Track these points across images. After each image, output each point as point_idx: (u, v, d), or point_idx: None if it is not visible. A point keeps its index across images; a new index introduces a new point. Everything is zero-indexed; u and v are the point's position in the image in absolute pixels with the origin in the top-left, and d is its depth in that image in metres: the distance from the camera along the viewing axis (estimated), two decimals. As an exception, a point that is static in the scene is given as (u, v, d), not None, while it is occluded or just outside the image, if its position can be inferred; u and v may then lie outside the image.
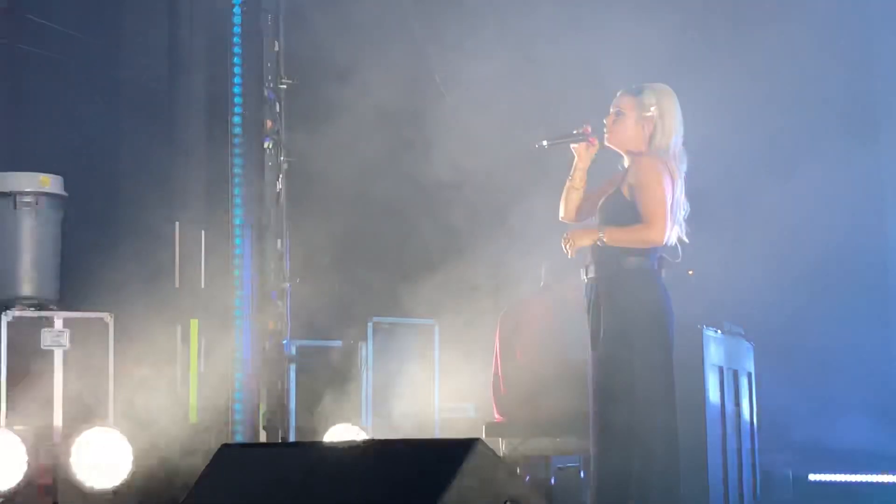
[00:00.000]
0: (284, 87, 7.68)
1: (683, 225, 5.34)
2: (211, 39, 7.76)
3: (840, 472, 9.04)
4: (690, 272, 7.24)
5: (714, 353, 7.34)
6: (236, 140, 7.54)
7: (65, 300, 7.52)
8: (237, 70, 7.55)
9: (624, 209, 5.23)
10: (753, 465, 8.01)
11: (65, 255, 7.59)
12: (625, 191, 5.27)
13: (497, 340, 7.26)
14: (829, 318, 9.07)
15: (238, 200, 7.53)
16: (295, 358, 7.68)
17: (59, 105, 8.14)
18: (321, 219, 7.75)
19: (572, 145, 5.44)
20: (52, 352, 7.07)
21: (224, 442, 6.93)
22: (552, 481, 6.77)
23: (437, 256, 8.23)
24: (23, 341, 7.09)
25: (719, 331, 7.52)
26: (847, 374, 9.10)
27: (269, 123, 7.58)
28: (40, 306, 7.28)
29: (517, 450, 7.04)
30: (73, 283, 7.67)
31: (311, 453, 4.05)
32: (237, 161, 7.53)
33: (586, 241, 5.23)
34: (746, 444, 7.87)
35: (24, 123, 8.18)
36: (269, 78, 7.61)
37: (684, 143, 5.37)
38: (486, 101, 8.27)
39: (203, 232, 7.63)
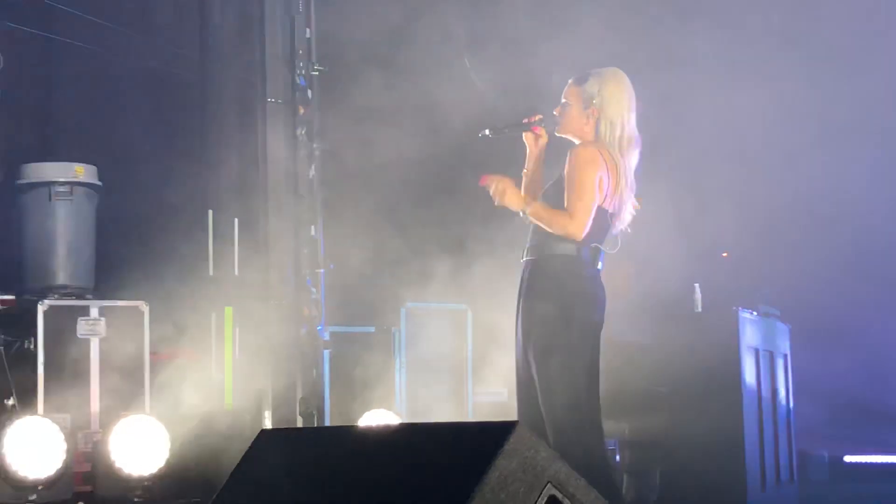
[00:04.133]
0: (316, 73, 7.69)
1: (626, 216, 5.21)
2: (242, 27, 7.76)
3: (875, 454, 9.01)
4: (725, 254, 7.23)
5: (750, 334, 7.32)
6: (268, 127, 7.54)
7: (100, 289, 7.56)
8: (269, 57, 7.55)
9: (559, 194, 5.14)
10: (790, 446, 7.99)
11: (99, 244, 7.64)
12: (563, 181, 5.16)
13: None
14: (867, 300, 9.04)
15: (271, 188, 7.53)
16: (329, 343, 7.69)
17: (92, 95, 8.18)
18: (354, 205, 7.76)
19: (524, 135, 5.37)
20: (88, 340, 7.11)
21: (260, 428, 6.96)
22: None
23: (470, 241, 8.22)
24: (59, 330, 7.14)
25: (755, 312, 7.49)
26: (883, 355, 9.06)
27: (301, 110, 7.59)
28: (76, 295, 7.32)
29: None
30: (108, 271, 7.71)
31: (350, 437, 4.05)
32: (270, 148, 7.54)
33: (513, 202, 5.11)
34: (782, 425, 7.85)
35: (58, 114, 8.22)
36: (301, 65, 7.62)
37: (639, 128, 5.24)
38: (516, 85, 8.26)
39: (236, 220, 7.64)
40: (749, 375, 7.28)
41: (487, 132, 5.35)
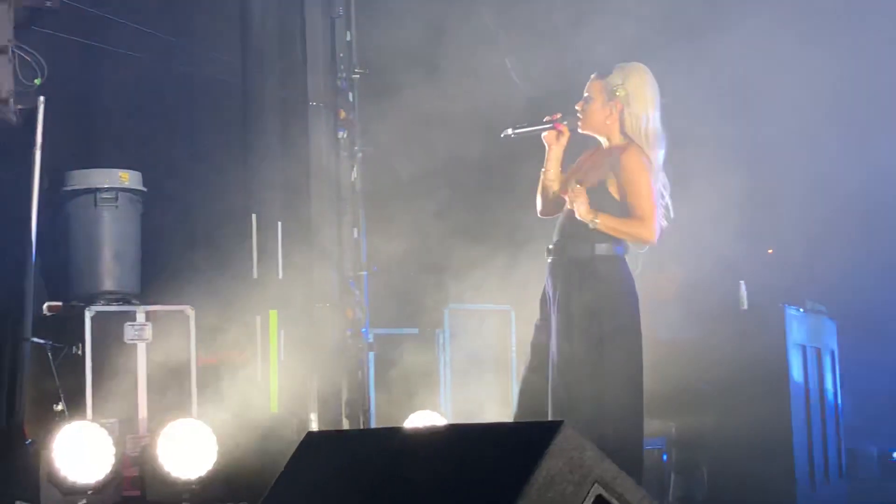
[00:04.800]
0: (357, 76, 7.70)
1: (664, 211, 5.21)
2: (283, 31, 7.78)
3: (926, 450, 8.93)
4: (770, 251, 7.19)
5: (797, 331, 7.28)
6: (310, 130, 7.56)
7: (146, 294, 7.61)
8: (310, 61, 7.57)
9: (611, 202, 5.12)
10: (838, 443, 7.93)
11: (144, 249, 7.69)
12: (611, 188, 5.15)
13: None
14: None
15: (314, 191, 7.55)
16: (374, 346, 7.70)
17: (135, 101, 8.22)
18: (397, 207, 7.76)
19: (543, 135, 5.33)
20: (135, 345, 7.16)
21: (306, 430, 6.98)
22: (635, 464, 6.72)
23: (513, 243, 8.20)
24: (106, 336, 7.19)
25: (802, 309, 7.44)
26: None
27: (342, 113, 7.60)
28: (123, 301, 7.37)
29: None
30: (153, 276, 7.76)
31: (396, 439, 4.05)
32: (312, 151, 7.55)
33: (583, 212, 5.07)
34: (830, 422, 7.79)
35: (102, 120, 8.28)
36: (342, 68, 7.63)
37: (663, 123, 5.22)
38: (557, 85, 8.23)
39: (280, 223, 7.66)
40: (796, 372, 7.23)
41: (510, 132, 5.34)
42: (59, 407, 7.01)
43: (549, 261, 5.29)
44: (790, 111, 7.68)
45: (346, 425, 7.44)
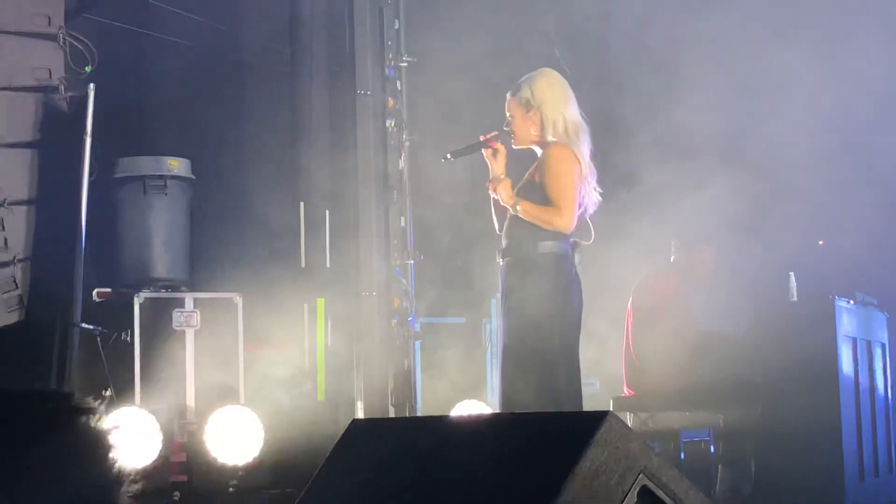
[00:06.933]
0: (405, 64, 7.69)
1: (592, 203, 5.51)
2: (331, 19, 7.79)
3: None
4: (821, 242, 7.12)
5: (847, 323, 7.20)
6: (358, 119, 7.56)
7: (194, 281, 7.65)
8: (358, 49, 7.57)
9: (535, 193, 5.41)
10: (888, 437, 7.85)
11: (193, 236, 7.73)
12: (536, 177, 5.46)
13: (629, 313, 7.23)
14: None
15: (361, 179, 7.56)
16: (420, 334, 7.71)
17: (185, 89, 8.26)
18: (444, 196, 7.75)
19: (484, 152, 5.59)
20: (183, 332, 7.20)
21: (351, 418, 6.99)
22: (681, 456, 6.70)
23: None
24: (155, 322, 7.24)
25: (852, 301, 7.37)
26: None
27: (390, 102, 7.60)
28: (171, 288, 7.41)
29: (646, 424, 7.00)
30: (202, 264, 7.80)
31: (442, 427, 4.05)
32: (360, 140, 7.56)
33: (504, 196, 5.42)
34: (881, 416, 7.71)
35: (151, 108, 8.32)
36: (390, 56, 7.63)
37: (583, 117, 5.50)
38: (605, 75, 8.20)
39: (327, 211, 7.68)
40: (846, 365, 7.16)
41: (449, 156, 5.64)
42: (108, 393, 7.08)
43: (501, 263, 5.56)
44: (841, 101, 7.60)
45: (391, 413, 7.45)
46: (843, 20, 8.10)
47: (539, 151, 5.58)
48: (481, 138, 5.60)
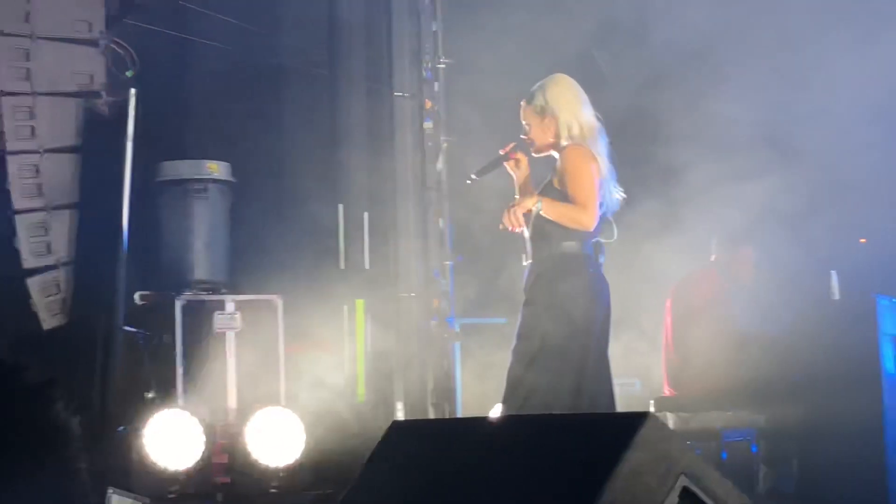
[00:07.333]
0: (443, 66, 7.71)
1: (613, 202, 5.52)
2: (369, 22, 7.82)
3: None
4: (863, 240, 7.06)
5: (889, 322, 7.14)
6: (396, 121, 7.58)
7: (235, 283, 7.69)
8: (395, 52, 7.59)
9: (556, 196, 5.41)
10: (933, 438, 7.78)
11: (233, 239, 7.77)
12: (555, 182, 5.47)
13: (669, 313, 7.20)
14: None
15: (399, 181, 7.57)
16: (460, 335, 7.71)
17: (225, 93, 8.30)
18: (482, 196, 7.76)
19: (507, 165, 5.65)
20: (224, 334, 7.24)
21: (392, 419, 7.01)
22: (723, 455, 6.67)
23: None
24: (196, 324, 7.29)
25: (894, 299, 7.31)
26: None
27: (428, 103, 7.62)
28: (212, 290, 7.46)
29: (687, 424, 6.97)
30: (242, 266, 7.84)
31: (482, 428, 4.05)
32: (398, 142, 7.58)
33: (528, 205, 5.39)
34: (925, 416, 7.64)
35: (192, 112, 8.37)
36: (428, 58, 7.65)
37: (598, 118, 5.51)
38: (646, 77, 8.16)
39: (366, 213, 7.70)
40: (889, 364, 7.09)
41: (474, 176, 5.67)
42: (150, 394, 7.13)
43: (526, 264, 5.56)
44: (880, 99, 7.54)
45: (431, 414, 7.47)
46: (890, 5, 8.04)
47: (557, 156, 5.60)
48: (501, 152, 5.64)
